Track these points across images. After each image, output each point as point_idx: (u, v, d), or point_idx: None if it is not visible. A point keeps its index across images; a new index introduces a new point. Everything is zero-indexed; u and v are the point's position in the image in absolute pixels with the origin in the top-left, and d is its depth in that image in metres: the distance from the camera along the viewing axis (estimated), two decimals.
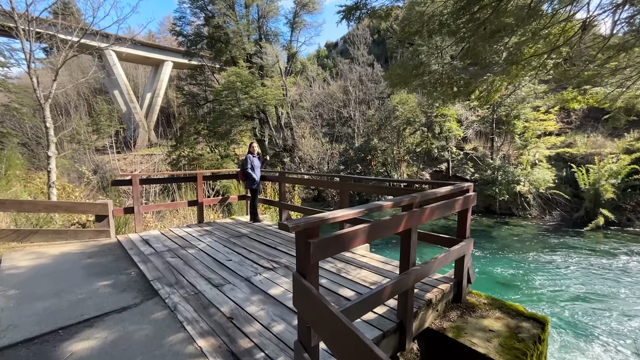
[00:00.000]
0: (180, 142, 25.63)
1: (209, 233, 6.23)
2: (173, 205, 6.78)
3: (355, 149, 22.80)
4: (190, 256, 4.98)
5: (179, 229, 6.54)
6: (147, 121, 34.91)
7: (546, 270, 11.09)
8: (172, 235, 6.16)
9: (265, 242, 5.64)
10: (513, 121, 18.96)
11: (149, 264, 4.67)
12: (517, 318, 3.58)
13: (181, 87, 28.30)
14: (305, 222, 2.09)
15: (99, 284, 4.13)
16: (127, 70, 37.81)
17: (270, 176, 7.01)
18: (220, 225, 6.75)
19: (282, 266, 4.52)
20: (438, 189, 3.46)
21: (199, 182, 6.74)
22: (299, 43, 26.68)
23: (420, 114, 21.45)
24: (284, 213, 6.55)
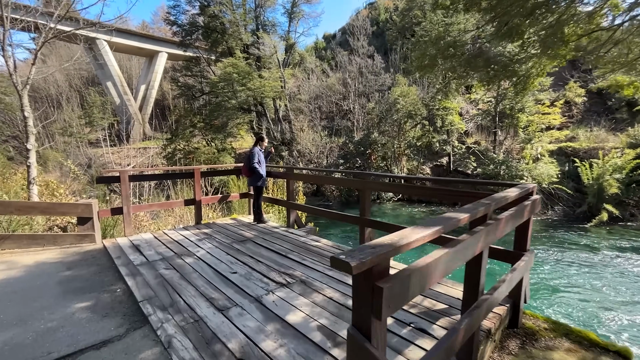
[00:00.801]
0: (176, 136, 24.60)
1: (208, 237, 5.42)
2: (168, 205, 5.95)
3: (355, 143, 22.00)
4: (187, 267, 4.18)
5: (175, 232, 5.72)
6: (141, 114, 33.65)
7: (555, 269, 10.55)
8: (166, 239, 5.34)
9: (274, 248, 4.85)
10: (517, 114, 18.30)
11: (139, 277, 3.87)
12: (593, 350, 2.87)
13: (176, 79, 27.13)
14: (372, 254, 1.31)
15: (75, 305, 3.32)
16: (121, 62, 36.37)
17: (276, 172, 6.20)
18: (221, 227, 5.95)
19: (298, 281, 3.75)
20: (507, 193, 2.69)
21: (196, 179, 5.92)
22: (297, 34, 25.65)
23: (421, 107, 20.68)
24: (292, 214, 5.77)
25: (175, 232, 5.71)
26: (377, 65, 24.67)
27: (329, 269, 4.06)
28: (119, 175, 5.27)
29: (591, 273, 9.91)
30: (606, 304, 7.89)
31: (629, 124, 20.09)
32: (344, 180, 4.95)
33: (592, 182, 16.71)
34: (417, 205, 20.68)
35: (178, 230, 5.81)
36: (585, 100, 22.94)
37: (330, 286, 3.60)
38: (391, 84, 23.99)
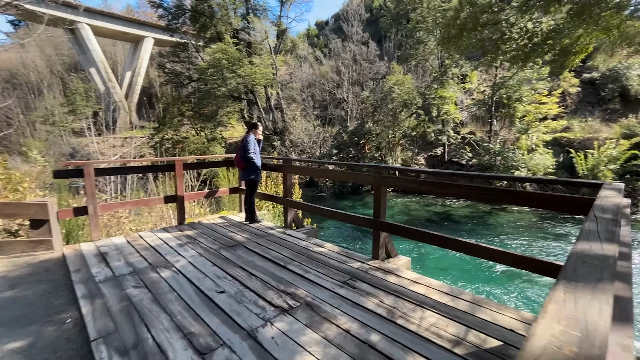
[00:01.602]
0: (163, 124, 23.24)
1: (191, 241, 4.51)
2: (144, 203, 5.00)
3: (349, 133, 21.10)
4: (163, 284, 3.28)
5: (152, 235, 4.79)
6: (127, 102, 31.92)
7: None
8: (141, 245, 4.41)
9: (270, 256, 3.98)
10: (514, 104, 17.63)
11: (99, 301, 2.96)
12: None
13: (163, 65, 25.54)
14: None
15: (4, 347, 2.41)
16: (105, 47, 34.28)
17: (271, 164, 5.29)
18: (207, 228, 5.04)
19: (302, 304, 2.90)
20: (612, 199, 1.86)
21: (178, 172, 4.97)
22: (289, 19, 24.28)
23: (417, 96, 19.84)
24: (290, 212, 4.89)
25: (153, 234, 4.77)
26: (371, 52, 23.59)
27: (339, 285, 3.22)
28: (82, 167, 4.30)
29: None
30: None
31: (622, 114, 19.71)
32: (354, 174, 4.07)
33: (587, 173, 16.30)
34: (411, 195, 20.03)
35: (156, 232, 4.88)
36: (579, 91, 22.45)
37: (344, 312, 2.76)
38: (386, 72, 23.03)
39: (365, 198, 19.44)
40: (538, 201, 2.70)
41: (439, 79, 19.04)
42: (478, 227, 14.10)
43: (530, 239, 12.14)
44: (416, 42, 19.64)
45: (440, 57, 19.90)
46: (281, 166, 5.10)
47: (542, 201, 2.70)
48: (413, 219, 16.01)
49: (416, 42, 19.70)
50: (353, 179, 3.68)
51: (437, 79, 19.08)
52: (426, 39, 19.45)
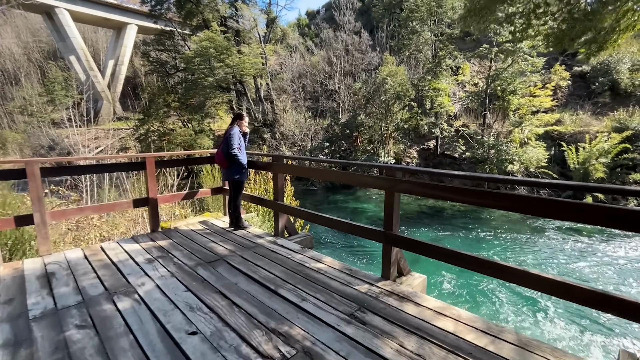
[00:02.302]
0: (149, 116, 21.95)
1: (164, 255, 3.70)
2: (109, 208, 4.07)
3: (341, 125, 20.30)
4: (117, 321, 2.49)
5: (117, 246, 3.96)
6: (110, 92, 30.24)
7: (541, 254, 9.70)
8: (100, 261, 3.58)
9: (258, 275, 3.22)
10: (508, 97, 17.10)
11: (23, 352, 2.16)
12: None
13: (147, 53, 24.07)
14: None
15: None
16: (85, 34, 32.30)
17: (259, 162, 4.49)
18: (185, 237, 4.23)
19: (300, 351, 2.15)
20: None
21: (149, 171, 4.13)
22: (279, 7, 23.20)
23: (410, 88, 19.12)
24: (282, 218, 4.12)
25: (118, 246, 3.94)
26: (364, 42, 22.66)
27: (345, 319, 2.48)
28: (24, 167, 3.42)
29: (581, 260, 9.12)
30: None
31: (611, 108, 19.45)
32: (360, 177, 3.21)
33: (578, 167, 16.03)
34: None
35: (123, 242, 4.04)
36: (569, 84, 22.10)
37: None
38: (378, 63, 22.18)
39: (358, 192, 18.78)
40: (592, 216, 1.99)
41: (433, 70, 18.33)
42: (469, 222, 13.63)
43: (526, 235, 11.71)
44: (410, 32, 18.82)
45: (434, 47, 19.15)
46: (271, 164, 4.23)
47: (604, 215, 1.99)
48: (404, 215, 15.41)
49: (410, 32, 18.88)
50: (358, 182, 2.96)
51: (431, 70, 18.37)
52: (420, 28, 18.64)
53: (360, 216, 15.16)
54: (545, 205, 2.13)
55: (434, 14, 18.19)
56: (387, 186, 2.91)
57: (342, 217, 12.15)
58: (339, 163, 2.99)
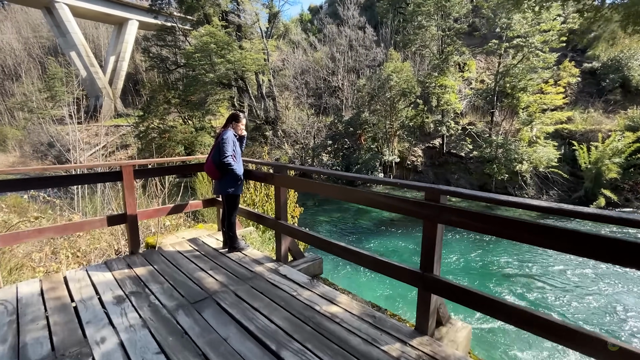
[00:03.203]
0: (149, 112, 21.14)
1: (139, 290, 2.92)
2: (75, 228, 3.17)
3: (345, 123, 19.44)
4: None
5: (85, 275, 3.18)
6: (112, 88, 29.37)
7: (553, 260, 8.82)
8: (58, 299, 2.81)
9: (255, 325, 2.43)
10: (518, 94, 16.19)
11: None
12: None
13: (147, 49, 23.17)
14: None
15: None
16: (86, 30, 31.35)
17: (258, 173, 3.67)
18: (169, 262, 3.45)
19: None
20: None
21: (126, 182, 3.34)
22: (282, 2, 22.17)
23: (416, 85, 18.22)
24: (285, 241, 3.32)
25: (85, 275, 3.16)
26: (368, 37, 21.67)
27: None
28: None
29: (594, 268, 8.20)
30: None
31: (622, 106, 18.52)
32: (388, 200, 2.32)
33: (590, 167, 15.18)
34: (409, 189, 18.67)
35: (93, 270, 3.26)
36: (579, 81, 21.11)
37: None
38: (383, 59, 21.23)
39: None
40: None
41: (440, 67, 17.40)
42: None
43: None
44: (416, 26, 17.86)
45: (441, 43, 18.19)
46: (272, 176, 3.38)
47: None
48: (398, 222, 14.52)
49: (416, 27, 17.92)
50: (385, 205, 2.21)
51: (438, 67, 17.44)
52: (427, 23, 17.68)
53: (364, 217, 14.38)
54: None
55: (442, 8, 17.21)
56: (427, 215, 2.11)
57: (346, 221, 10.85)
58: (359, 179, 2.18)
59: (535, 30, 15.42)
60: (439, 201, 2.09)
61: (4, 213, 4.48)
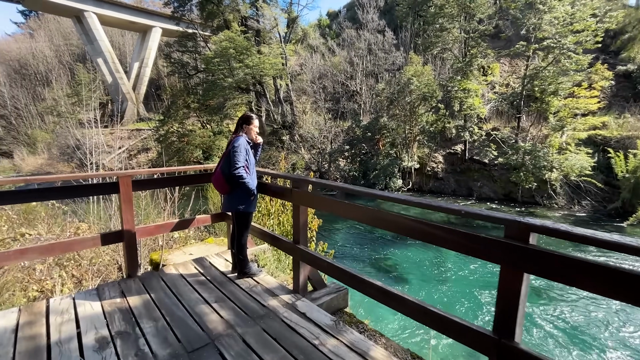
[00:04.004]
0: (169, 117, 21.19)
1: (127, 331, 2.37)
2: (63, 248, 2.69)
3: (363, 127, 18.76)
4: None
5: (71, 304, 2.68)
6: (135, 93, 29.85)
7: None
8: (32, 338, 2.30)
9: None
10: (548, 98, 15.08)
11: None
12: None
13: (168, 54, 23.34)
14: None
15: None
16: (113, 38, 32.11)
17: (273, 186, 3.11)
18: (167, 292, 2.90)
19: None
20: None
21: (123, 195, 2.84)
22: (300, 7, 21.78)
23: (437, 89, 17.36)
24: (303, 270, 2.73)
25: (71, 305, 2.66)
26: (388, 41, 20.96)
27: None
28: None
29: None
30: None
31: None
32: (450, 233, 1.77)
33: (628, 176, 13.88)
34: (429, 195, 17.74)
35: (81, 299, 2.75)
36: (612, 85, 19.64)
37: None
38: (402, 63, 20.46)
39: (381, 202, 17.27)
40: None
41: (463, 70, 16.49)
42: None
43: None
44: (439, 29, 17.05)
45: (465, 45, 17.28)
46: (290, 191, 2.76)
47: None
48: None
49: (438, 30, 17.11)
50: (446, 241, 1.68)
51: (461, 70, 16.53)
52: (450, 25, 16.84)
53: None
54: None
55: (465, 9, 16.34)
56: (507, 259, 1.46)
57: (373, 229, 9.52)
58: (403, 201, 1.48)
59: (567, 30, 14.35)
60: (528, 241, 1.43)
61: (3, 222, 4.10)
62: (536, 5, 14.58)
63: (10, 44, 32.31)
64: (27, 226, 5.18)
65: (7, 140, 26.76)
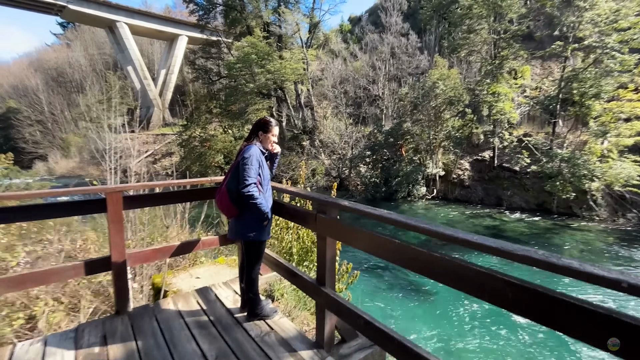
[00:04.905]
0: (192, 122, 21.23)
1: None
2: (37, 280, 2.13)
3: (385, 133, 17.92)
4: None
5: (40, 352, 2.13)
6: (161, 99, 30.41)
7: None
8: None
9: None
10: (588, 101, 13.69)
11: None
12: None
13: (192, 61, 23.52)
14: None
15: None
16: (143, 46, 33.00)
17: (293, 208, 2.38)
18: (158, 339, 2.27)
19: None
20: None
21: (111, 215, 2.29)
22: (322, 11, 21.29)
23: (464, 93, 16.29)
24: (329, 320, 2.05)
25: (40, 350, 2.09)
26: (411, 44, 20.05)
27: None
28: None
29: None
30: None
31: None
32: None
33: None
34: (455, 204, 16.59)
35: (52, 344, 2.17)
36: None
37: None
38: (427, 66, 19.49)
39: (401, 206, 16.31)
40: None
41: (493, 73, 15.35)
42: (539, 249, 10.52)
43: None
44: (467, 30, 16.04)
45: (495, 47, 16.13)
46: (314, 217, 2.08)
47: None
48: None
49: (467, 31, 16.09)
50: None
51: (491, 73, 15.40)
52: (478, 26, 15.79)
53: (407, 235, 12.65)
54: None
55: (496, 9, 15.24)
56: None
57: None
58: (510, 254, 0.87)
59: (611, 28, 12.99)
60: None
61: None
62: (575, 3, 13.31)
63: (49, 54, 33.91)
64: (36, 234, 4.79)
65: (44, 144, 27.84)
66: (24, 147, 27.69)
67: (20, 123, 27.94)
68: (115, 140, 14.90)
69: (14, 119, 28.34)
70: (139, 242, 3.78)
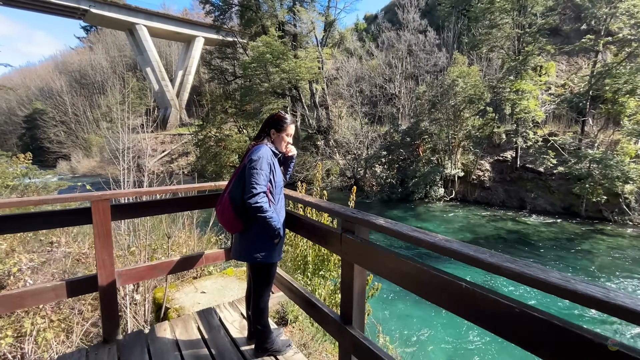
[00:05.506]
0: (207, 122, 21.16)
1: None
2: (9, 304, 1.77)
3: (401, 132, 17.24)
4: None
5: None
6: (178, 100, 30.63)
7: None
8: None
9: None
10: (622, 98, 12.63)
11: None
12: None
13: (208, 61, 23.48)
14: None
15: None
16: (161, 48, 33.39)
17: (311, 223, 1.85)
18: None
19: None
20: None
21: (98, 227, 1.92)
22: (338, 10, 20.75)
23: (485, 91, 15.43)
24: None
25: None
26: (429, 41, 19.24)
27: None
28: None
29: None
30: None
31: None
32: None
33: None
34: (474, 206, 15.76)
35: None
36: None
37: None
38: (445, 64, 18.67)
39: (418, 207, 15.61)
40: None
41: (516, 69, 14.44)
42: (567, 255, 9.92)
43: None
44: (489, 25, 15.17)
45: (519, 42, 15.19)
46: (338, 237, 1.59)
47: None
48: (477, 238, 12.04)
49: (489, 26, 15.22)
50: None
51: (514, 69, 14.49)
52: (501, 21, 14.90)
53: None
54: None
55: (521, 1, 14.32)
56: None
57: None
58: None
59: None
60: None
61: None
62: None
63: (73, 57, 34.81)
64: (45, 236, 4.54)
65: (67, 144, 28.51)
66: (49, 147, 28.54)
67: (45, 124, 28.82)
68: (132, 140, 14.79)
69: (40, 120, 29.30)
70: (132, 256, 3.39)
